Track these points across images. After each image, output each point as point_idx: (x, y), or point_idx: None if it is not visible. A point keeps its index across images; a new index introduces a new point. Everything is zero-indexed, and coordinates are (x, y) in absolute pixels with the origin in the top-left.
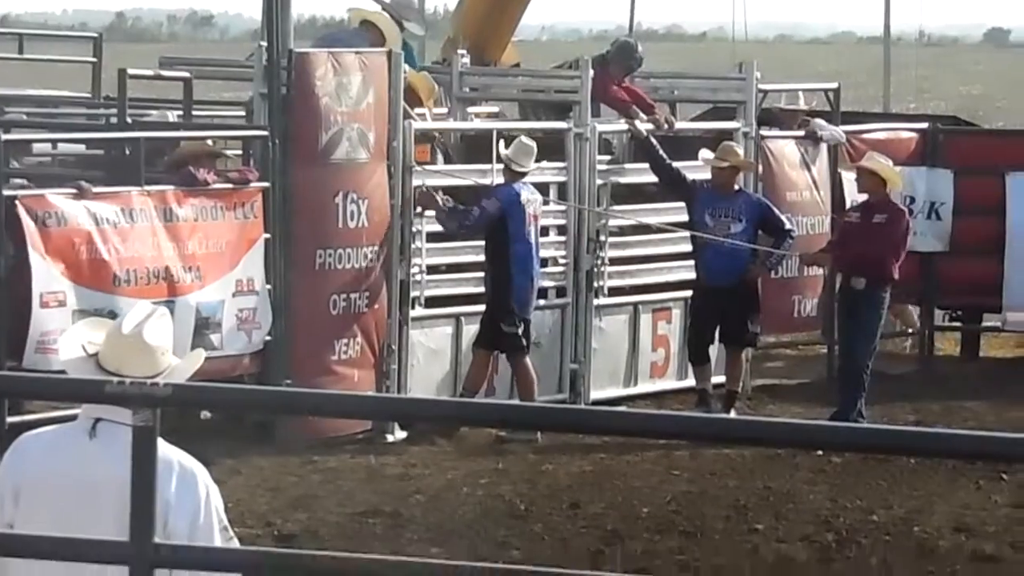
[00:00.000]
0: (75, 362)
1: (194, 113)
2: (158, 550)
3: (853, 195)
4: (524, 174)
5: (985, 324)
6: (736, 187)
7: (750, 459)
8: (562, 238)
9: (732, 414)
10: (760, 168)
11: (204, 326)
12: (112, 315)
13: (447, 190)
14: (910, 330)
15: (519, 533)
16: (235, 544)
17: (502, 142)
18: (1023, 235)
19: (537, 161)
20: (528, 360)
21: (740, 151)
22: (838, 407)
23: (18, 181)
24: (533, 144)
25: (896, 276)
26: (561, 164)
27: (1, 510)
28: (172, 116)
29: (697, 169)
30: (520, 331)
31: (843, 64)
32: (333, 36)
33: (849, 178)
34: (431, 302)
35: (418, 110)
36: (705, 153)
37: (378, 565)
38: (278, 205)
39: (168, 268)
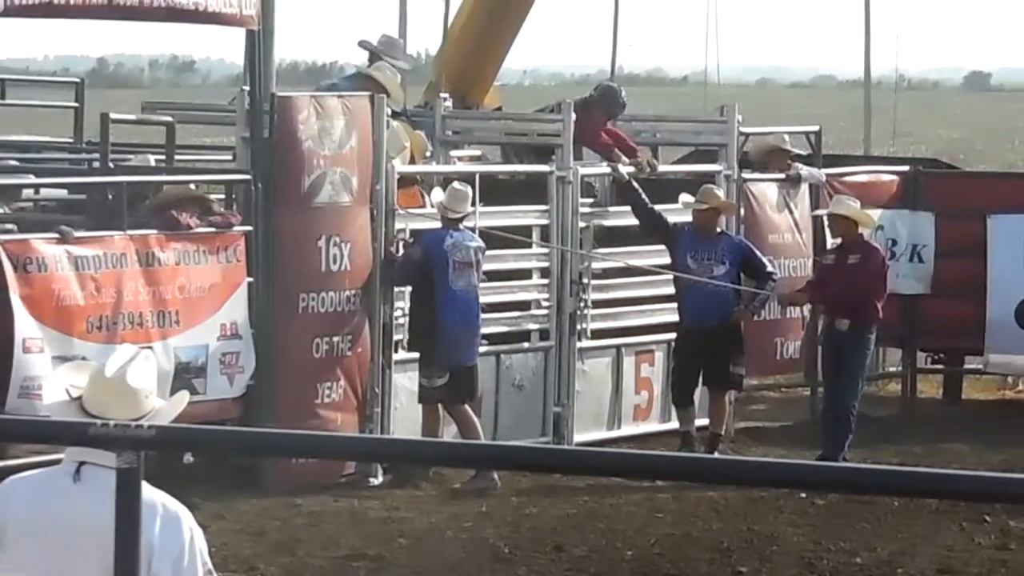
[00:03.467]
0: (58, 406)
1: (176, 157)
2: None
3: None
4: (460, 220)
5: (967, 366)
6: (718, 230)
7: (733, 501)
8: (545, 281)
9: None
10: (742, 211)
11: (185, 370)
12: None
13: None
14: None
15: None
16: None
17: (437, 189)
18: (1005, 277)
19: (519, 204)
20: (466, 407)
21: (720, 193)
22: (823, 449)
23: (3, 226)
24: (467, 189)
25: (881, 315)
26: (544, 207)
27: None
28: (153, 160)
29: (679, 212)
30: (445, 382)
31: (824, 108)
32: (332, 86)
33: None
34: None
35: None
36: (685, 197)
37: None
38: (261, 249)
39: (150, 312)
